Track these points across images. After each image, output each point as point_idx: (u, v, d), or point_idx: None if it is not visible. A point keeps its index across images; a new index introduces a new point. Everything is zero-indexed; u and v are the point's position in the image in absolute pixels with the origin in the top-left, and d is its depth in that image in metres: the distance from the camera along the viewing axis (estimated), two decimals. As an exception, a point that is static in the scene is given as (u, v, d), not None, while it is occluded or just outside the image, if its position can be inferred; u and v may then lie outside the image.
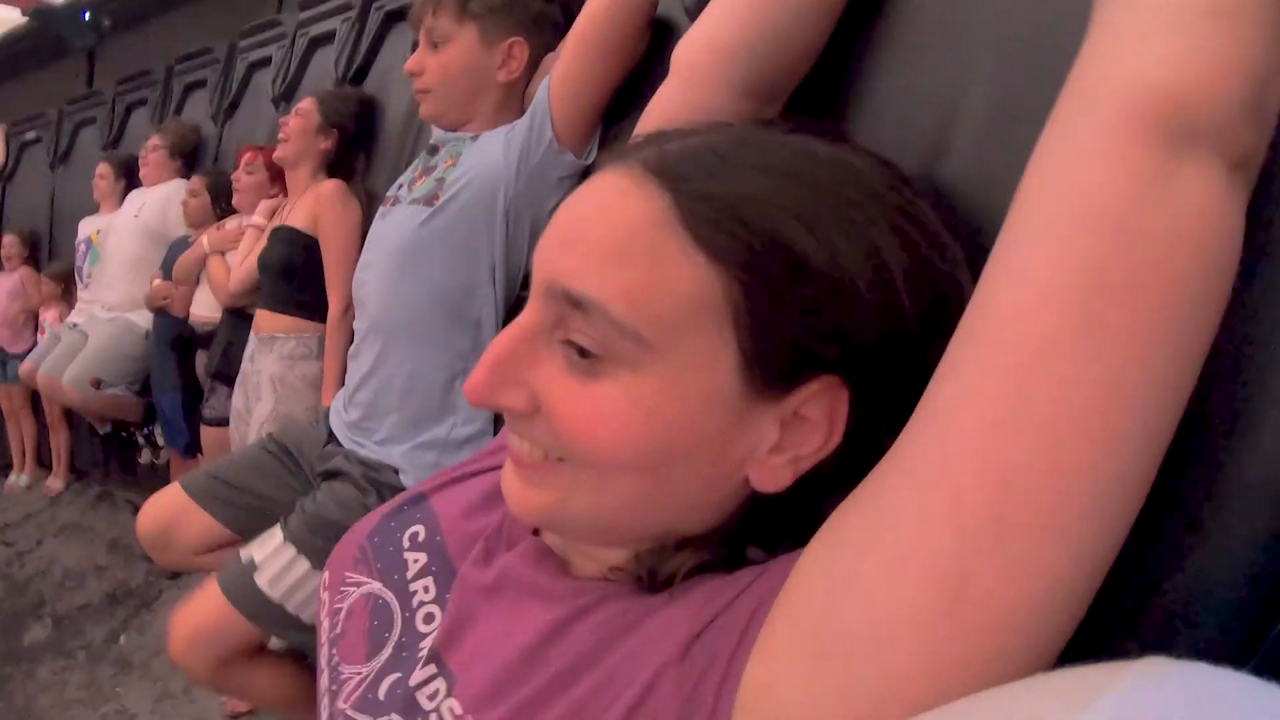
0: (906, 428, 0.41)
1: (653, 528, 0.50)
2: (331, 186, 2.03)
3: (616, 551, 0.52)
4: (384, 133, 2.16)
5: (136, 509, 3.50)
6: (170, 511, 1.51)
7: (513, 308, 1.35)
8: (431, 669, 0.53)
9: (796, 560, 0.43)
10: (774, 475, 0.47)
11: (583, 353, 0.45)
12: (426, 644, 0.55)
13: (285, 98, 2.74)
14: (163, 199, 3.07)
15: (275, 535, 1.33)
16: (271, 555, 1.30)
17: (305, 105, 2.12)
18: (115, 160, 3.52)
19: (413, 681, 0.53)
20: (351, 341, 2.01)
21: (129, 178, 3.44)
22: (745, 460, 0.47)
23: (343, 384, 2.00)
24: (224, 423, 2.34)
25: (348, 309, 2.01)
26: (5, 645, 2.99)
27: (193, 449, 2.74)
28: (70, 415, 3.84)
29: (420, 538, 0.63)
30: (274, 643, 1.45)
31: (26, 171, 4.51)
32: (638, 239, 0.44)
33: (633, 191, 0.45)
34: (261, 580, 1.28)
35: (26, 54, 5.08)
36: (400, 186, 1.42)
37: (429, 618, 0.57)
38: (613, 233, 0.45)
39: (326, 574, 0.67)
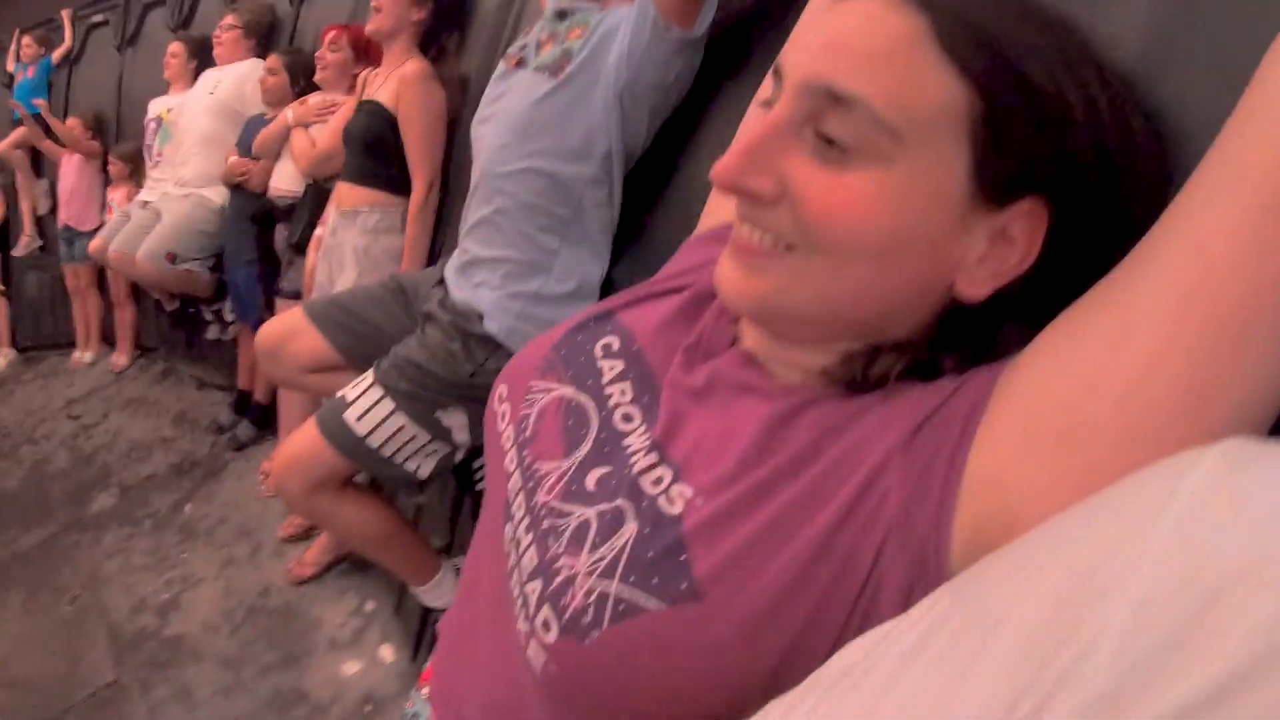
0: (1151, 241, 0.46)
1: (862, 323, 0.55)
2: (414, 68, 2.00)
3: (820, 355, 0.57)
4: (479, 11, 2.14)
5: (202, 384, 3.64)
6: (287, 328, 1.60)
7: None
8: (653, 458, 0.57)
9: (996, 370, 0.50)
10: (978, 286, 0.53)
11: (834, 145, 0.50)
12: (634, 440, 0.60)
13: (368, -24, 2.71)
14: (238, 76, 3.08)
15: (368, 376, 1.40)
16: (362, 394, 1.38)
17: None
18: (188, 40, 3.53)
19: (635, 469, 0.57)
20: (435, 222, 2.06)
21: (201, 58, 3.45)
22: (956, 266, 0.53)
23: (423, 262, 2.04)
24: (300, 295, 2.38)
25: (430, 190, 2.03)
26: (73, 514, 3.13)
27: (263, 323, 2.79)
28: (136, 292, 3.92)
29: (615, 347, 0.67)
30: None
31: (94, 54, 4.54)
32: (899, 47, 0.49)
33: (894, 9, 0.50)
34: (350, 416, 1.37)
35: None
36: (525, 46, 1.42)
37: (627, 418, 0.62)
38: (877, 39, 0.50)
39: (504, 386, 0.71)
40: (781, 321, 0.57)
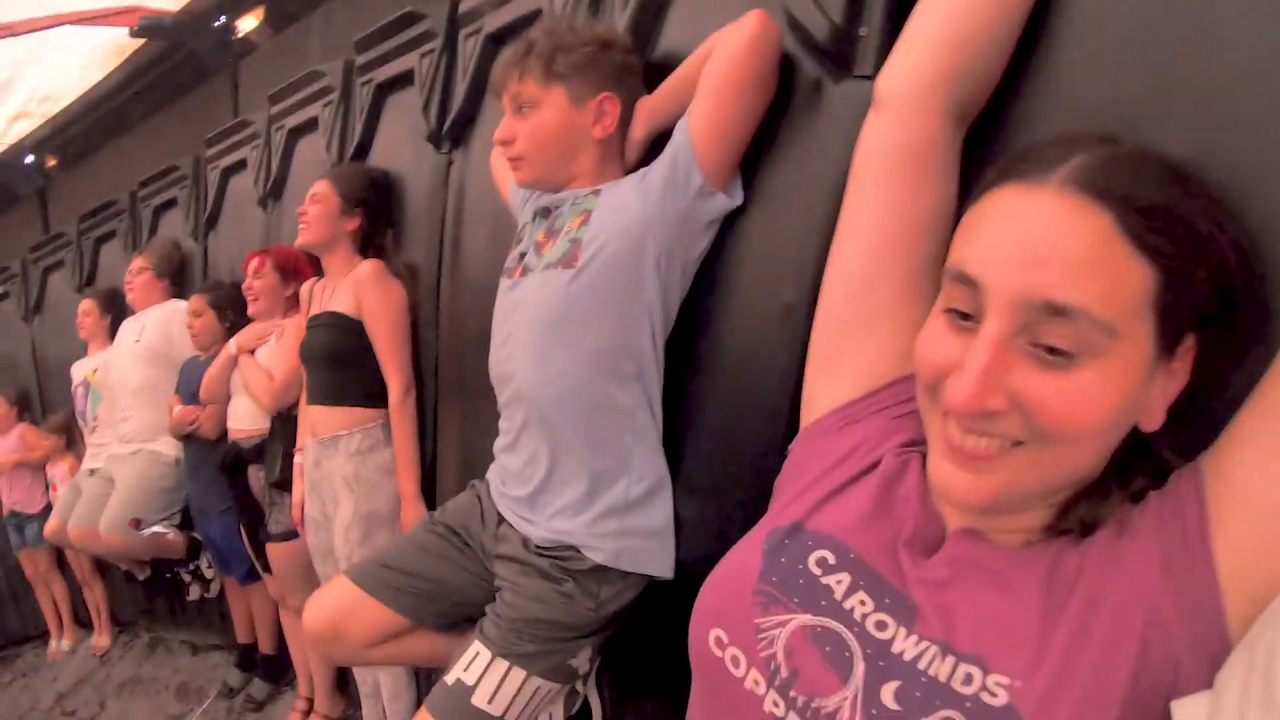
0: None
1: (1073, 484, 0.62)
2: (369, 268, 1.95)
3: (1036, 514, 0.64)
4: (408, 204, 2.10)
5: (195, 649, 3.38)
6: (339, 605, 1.42)
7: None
8: (949, 660, 0.60)
9: (1187, 479, 0.59)
10: (1156, 418, 0.62)
11: (1055, 351, 0.57)
12: (904, 645, 0.62)
13: (274, 195, 2.66)
14: (162, 319, 2.96)
15: (478, 651, 1.26)
16: (484, 673, 1.24)
17: (320, 188, 2.04)
18: (98, 295, 3.41)
19: (936, 675, 0.60)
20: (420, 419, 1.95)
21: (115, 311, 3.33)
22: (1143, 410, 0.61)
23: (419, 467, 1.93)
24: (292, 536, 2.23)
25: (408, 391, 1.94)
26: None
27: (252, 573, 2.60)
28: (102, 567, 3.68)
29: (832, 561, 0.69)
30: None
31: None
32: (1099, 251, 0.56)
33: (1080, 210, 0.57)
34: (479, 701, 1.22)
35: (-28, 210, 4.95)
36: (522, 256, 1.37)
37: (880, 625, 0.64)
38: (1080, 247, 0.56)
39: (718, 631, 0.70)
40: (1007, 505, 0.63)
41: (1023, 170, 0.61)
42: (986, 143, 0.87)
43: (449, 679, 1.25)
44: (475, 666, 1.24)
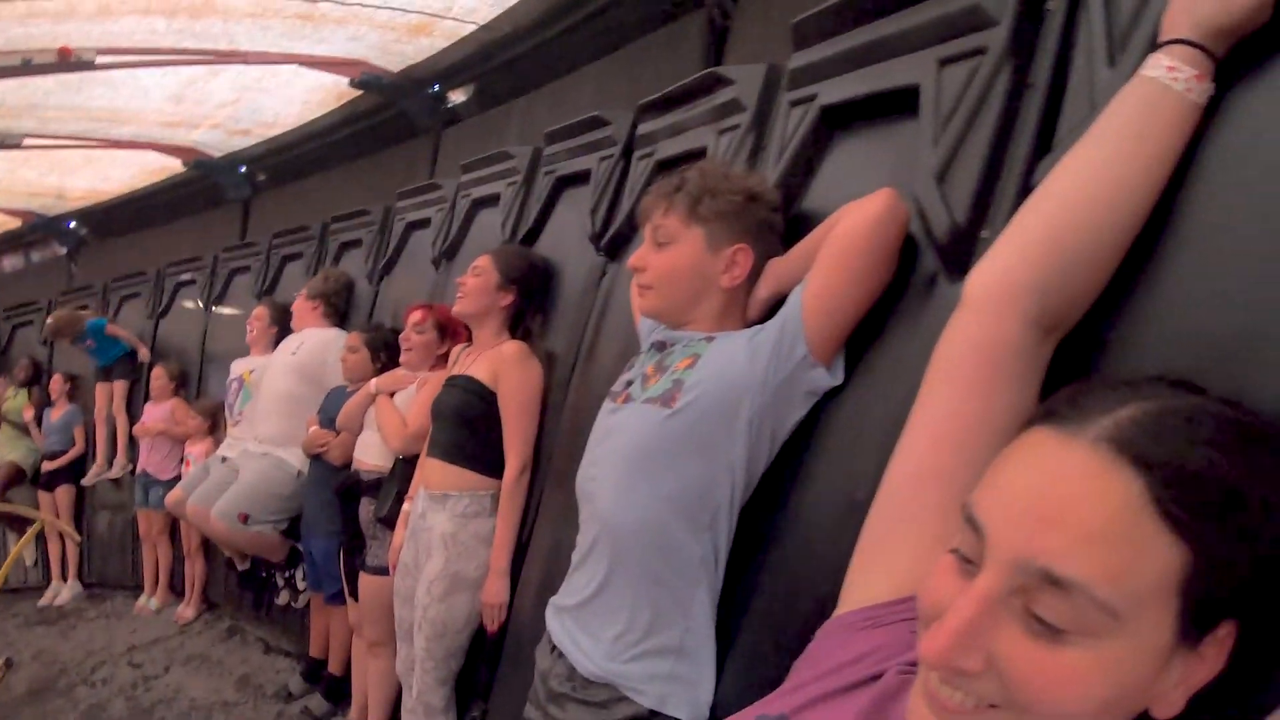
0: None
1: None
2: (513, 348, 2.11)
3: None
4: (562, 295, 2.27)
5: (269, 648, 3.57)
6: None
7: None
8: None
9: None
10: (1173, 706, 0.54)
11: (1048, 625, 0.51)
12: None
13: (447, 257, 2.91)
14: (321, 343, 3.24)
15: None
16: None
17: (482, 263, 2.22)
18: (272, 305, 3.75)
19: None
20: (527, 501, 2.07)
21: (282, 324, 3.65)
22: (1153, 698, 0.54)
23: (514, 545, 2.04)
24: (384, 572, 2.37)
25: (524, 470, 2.07)
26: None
27: (340, 596, 2.77)
28: (208, 547, 3.96)
29: None
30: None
31: (179, 310, 4.84)
32: (1118, 522, 0.50)
33: (1108, 473, 0.51)
34: None
35: (184, 200, 5.58)
36: (630, 383, 1.40)
37: None
38: (1095, 516, 0.50)
39: None
40: None
41: (1064, 414, 0.56)
42: (1081, 363, 0.82)
43: None
44: None
